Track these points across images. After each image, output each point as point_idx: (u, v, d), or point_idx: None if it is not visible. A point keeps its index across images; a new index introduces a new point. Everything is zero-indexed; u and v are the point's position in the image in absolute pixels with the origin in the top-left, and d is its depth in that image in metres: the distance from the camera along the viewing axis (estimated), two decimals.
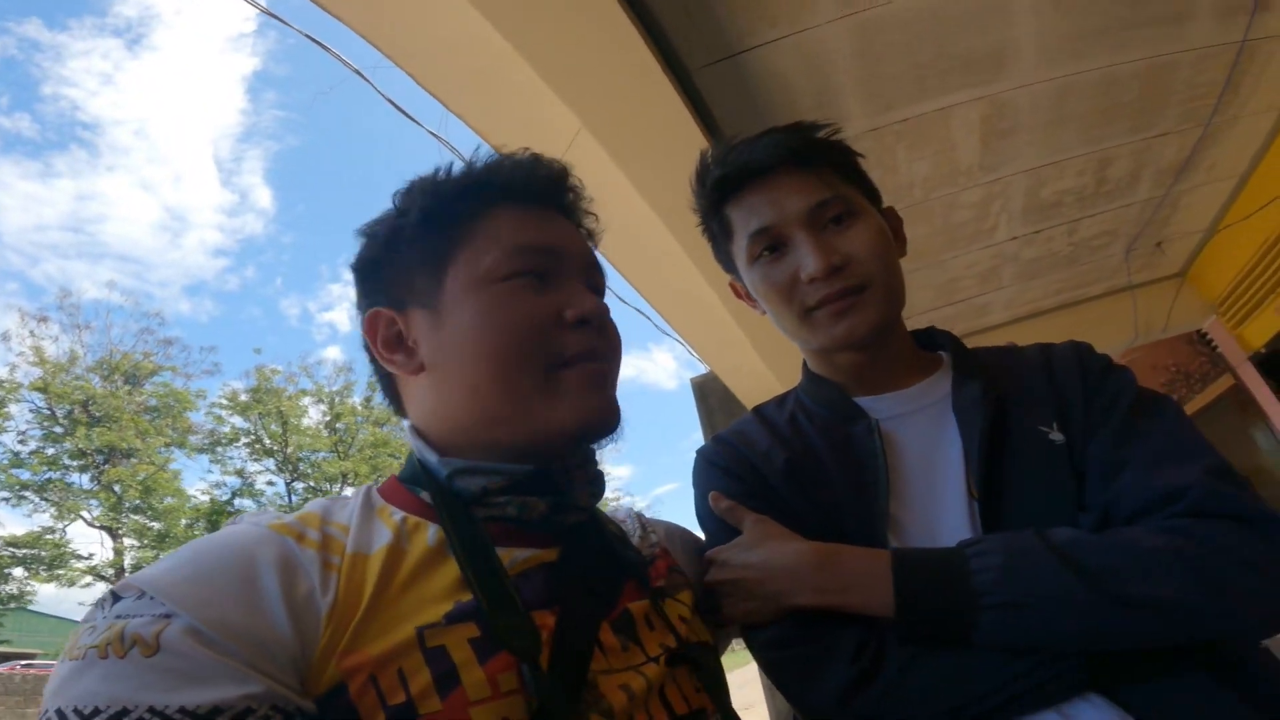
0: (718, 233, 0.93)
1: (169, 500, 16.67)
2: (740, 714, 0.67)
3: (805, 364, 0.97)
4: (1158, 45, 2.32)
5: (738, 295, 0.99)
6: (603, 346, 0.68)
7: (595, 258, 0.76)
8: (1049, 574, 0.59)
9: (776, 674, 0.71)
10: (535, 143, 2.59)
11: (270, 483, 19.69)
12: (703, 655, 0.68)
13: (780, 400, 0.97)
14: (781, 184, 0.84)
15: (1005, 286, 4.57)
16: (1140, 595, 0.57)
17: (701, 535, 0.90)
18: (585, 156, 2.52)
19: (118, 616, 0.48)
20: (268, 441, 19.11)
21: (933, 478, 0.77)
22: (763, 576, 0.71)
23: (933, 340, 0.96)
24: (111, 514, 15.80)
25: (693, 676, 0.65)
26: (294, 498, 19.52)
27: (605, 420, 0.67)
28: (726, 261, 0.95)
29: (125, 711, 0.43)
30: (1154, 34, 2.28)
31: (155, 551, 16.47)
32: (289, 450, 19.11)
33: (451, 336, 0.65)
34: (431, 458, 0.65)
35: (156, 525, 16.48)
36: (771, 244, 0.85)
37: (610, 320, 0.71)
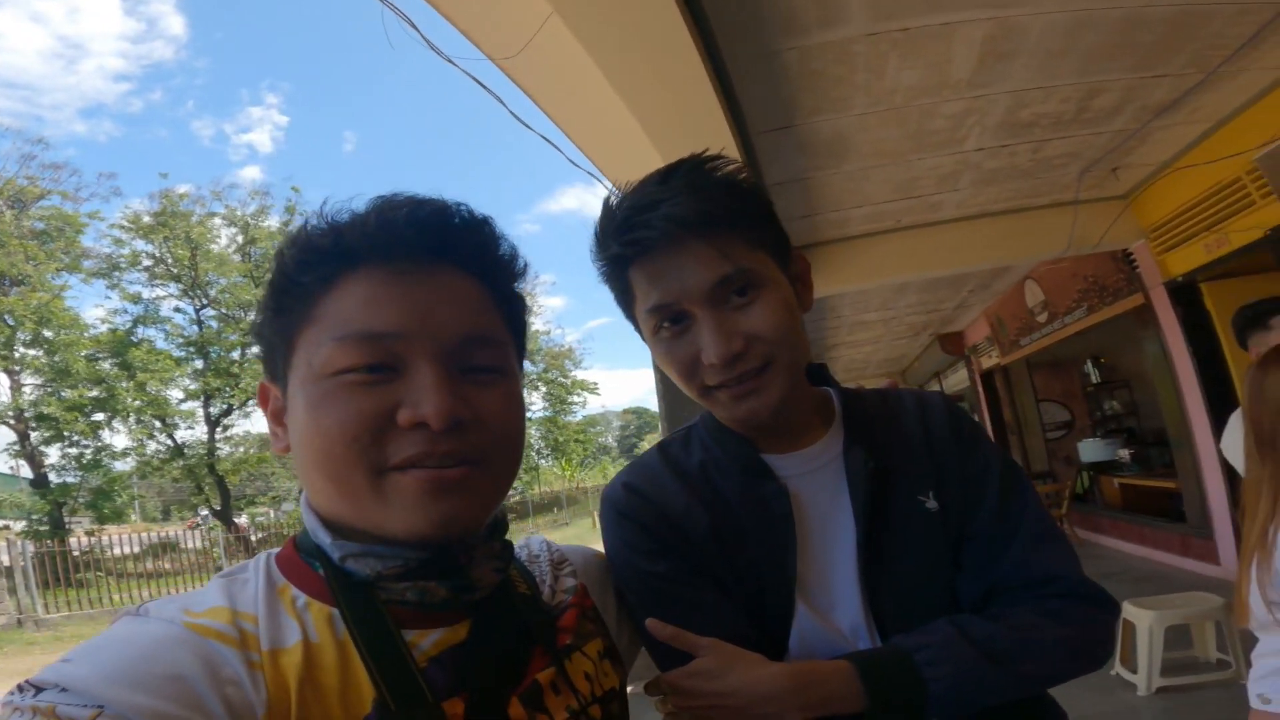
0: (618, 295, 0.89)
1: (65, 332, 15.52)
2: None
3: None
4: None
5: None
6: (454, 449, 0.57)
7: (486, 327, 0.63)
8: (981, 673, 0.74)
9: None
10: (500, 24, 2.19)
11: (178, 309, 18.71)
12: (609, 706, 0.69)
13: (685, 440, 0.95)
14: (682, 255, 0.79)
15: (960, 189, 4.52)
16: (1036, 673, 0.77)
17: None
18: (554, 44, 2.16)
19: (44, 701, 0.45)
20: (173, 265, 17.74)
21: (828, 537, 0.83)
22: (745, 704, 0.74)
23: (819, 375, 0.97)
24: (3, 350, 14.61)
25: None
26: (202, 327, 18.75)
27: (444, 532, 0.58)
28: (631, 320, 0.91)
29: None
30: None
31: (55, 391, 15.54)
32: (197, 275, 17.87)
33: (292, 430, 0.61)
34: (324, 539, 0.60)
35: (55, 359, 15.43)
36: (672, 317, 0.82)
37: (484, 417, 0.60)
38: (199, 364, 18.66)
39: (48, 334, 15.16)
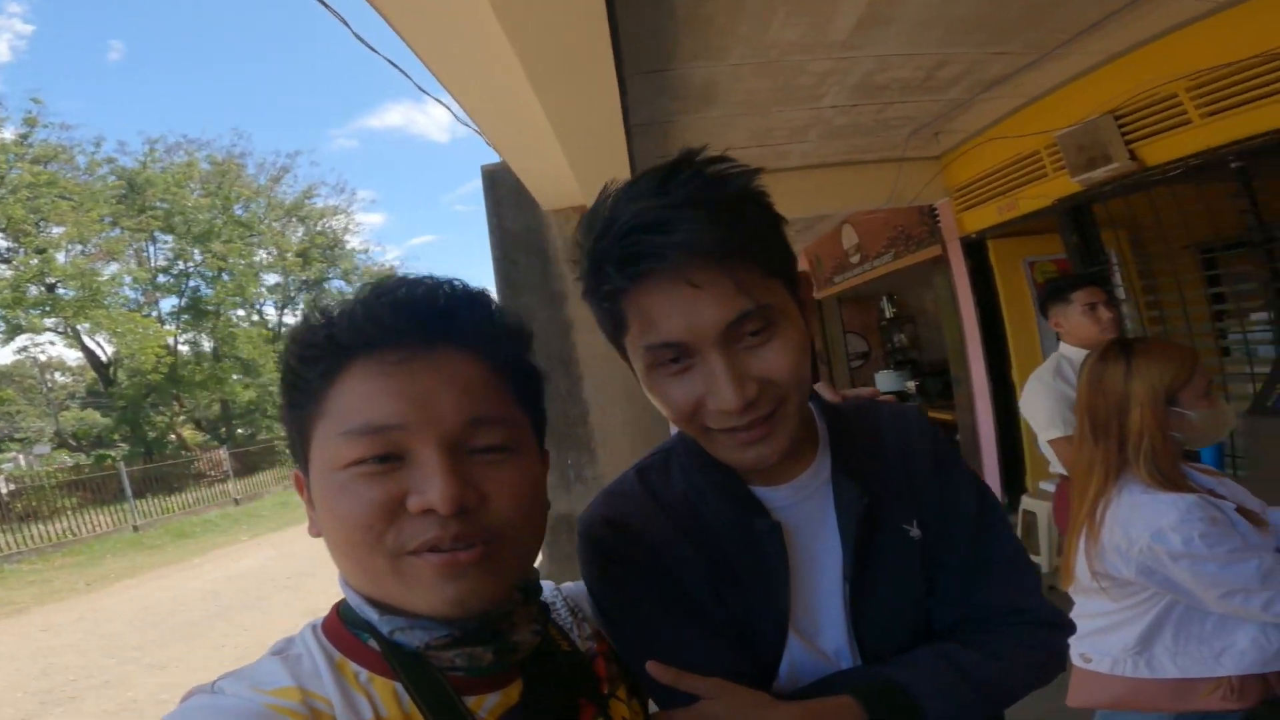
0: (604, 317, 0.79)
1: None
2: None
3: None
4: None
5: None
6: (464, 532, 0.58)
7: (489, 407, 0.63)
8: (965, 699, 0.78)
9: None
10: None
11: None
12: None
13: (664, 467, 0.89)
14: (693, 289, 0.69)
15: (808, 141, 4.72)
16: (1011, 696, 0.83)
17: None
18: None
19: None
20: None
21: (816, 564, 0.84)
22: None
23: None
24: None
25: None
26: None
27: (463, 611, 0.59)
28: (616, 343, 0.81)
29: None
30: None
31: None
32: None
33: (319, 516, 0.63)
34: (372, 614, 0.62)
35: None
36: (675, 356, 0.73)
37: (494, 497, 0.61)
38: None
39: None
